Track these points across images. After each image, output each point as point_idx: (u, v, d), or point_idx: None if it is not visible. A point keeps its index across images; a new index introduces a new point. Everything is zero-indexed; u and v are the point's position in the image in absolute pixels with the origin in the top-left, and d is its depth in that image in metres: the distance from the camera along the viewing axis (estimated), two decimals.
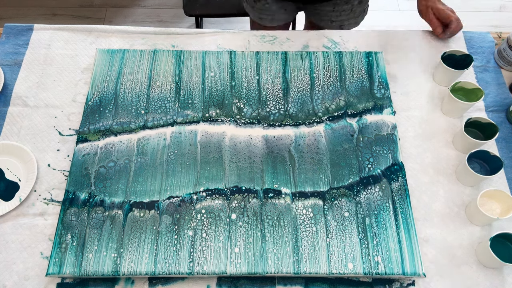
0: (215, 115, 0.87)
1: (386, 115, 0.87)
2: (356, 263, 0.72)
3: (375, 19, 2.29)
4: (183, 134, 0.84)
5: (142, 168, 0.80)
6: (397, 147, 0.83)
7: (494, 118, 0.91)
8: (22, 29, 1.01)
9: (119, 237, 0.73)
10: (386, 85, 0.91)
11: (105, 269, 0.70)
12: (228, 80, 0.91)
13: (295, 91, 0.90)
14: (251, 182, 0.79)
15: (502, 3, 2.36)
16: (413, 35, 1.03)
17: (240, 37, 1.02)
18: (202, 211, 0.76)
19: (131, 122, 0.85)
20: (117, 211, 0.76)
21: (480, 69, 0.99)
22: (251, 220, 0.75)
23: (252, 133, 0.85)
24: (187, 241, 0.73)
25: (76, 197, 0.77)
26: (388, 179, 0.80)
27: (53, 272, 0.70)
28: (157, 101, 0.88)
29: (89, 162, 0.80)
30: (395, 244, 0.74)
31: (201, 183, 0.79)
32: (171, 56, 0.94)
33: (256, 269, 0.71)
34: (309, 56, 0.95)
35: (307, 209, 0.77)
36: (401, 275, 0.71)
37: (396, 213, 0.76)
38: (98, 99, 0.88)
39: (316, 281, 0.73)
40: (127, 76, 0.91)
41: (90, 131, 0.84)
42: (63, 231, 0.73)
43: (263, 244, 0.73)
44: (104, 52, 0.94)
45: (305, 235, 0.74)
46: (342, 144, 0.84)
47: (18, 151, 0.84)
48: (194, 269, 0.71)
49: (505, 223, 0.80)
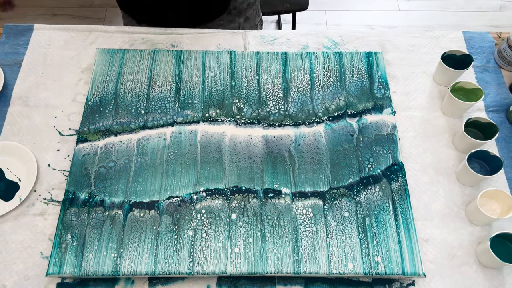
0: (215, 115, 0.87)
1: (386, 115, 0.87)
2: (356, 263, 0.72)
3: (375, 19, 2.30)
4: (183, 134, 0.84)
5: (142, 168, 0.80)
6: (397, 147, 0.83)
7: (494, 118, 0.91)
8: (22, 29, 1.01)
9: (119, 237, 0.73)
10: (386, 85, 0.91)
11: (105, 269, 0.70)
12: (228, 80, 0.91)
13: (295, 91, 0.90)
14: (251, 182, 0.79)
15: (502, 3, 2.36)
16: (413, 35, 1.03)
17: (240, 37, 1.02)
18: (202, 211, 0.76)
19: (131, 122, 0.85)
20: (117, 211, 0.76)
21: (480, 69, 0.99)
22: (251, 220, 0.75)
23: (252, 133, 0.85)
24: (187, 241, 0.73)
25: (76, 197, 0.77)
26: (388, 179, 0.80)
27: (53, 272, 0.70)
28: (157, 101, 0.88)
29: (89, 162, 0.80)
30: (395, 244, 0.74)
31: (201, 183, 0.79)
32: (171, 56, 0.94)
33: (256, 269, 0.71)
34: (309, 56, 0.95)
35: (307, 209, 0.77)
36: (401, 275, 0.71)
37: (396, 213, 0.76)
38: (98, 99, 0.88)
39: (316, 281, 0.73)
40: (127, 76, 0.91)
41: (90, 131, 0.84)
42: (63, 231, 0.73)
43: (263, 244, 0.73)
44: (104, 52, 0.94)
45: (305, 235, 0.74)
46: (342, 144, 0.84)
47: (18, 151, 0.84)
48: (194, 269, 0.71)
49: (505, 223, 0.80)
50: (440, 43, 1.02)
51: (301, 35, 1.03)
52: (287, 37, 1.02)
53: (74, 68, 0.96)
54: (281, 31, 1.05)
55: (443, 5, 2.34)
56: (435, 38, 1.03)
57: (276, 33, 1.03)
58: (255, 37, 1.02)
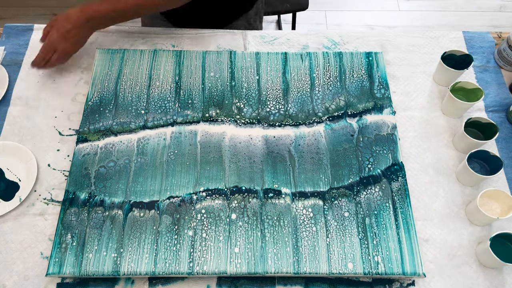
0: (215, 115, 0.87)
1: (386, 115, 0.87)
2: (356, 263, 0.72)
3: (375, 19, 2.30)
4: (183, 134, 0.84)
5: (142, 168, 0.80)
6: (397, 147, 0.83)
7: (494, 118, 0.91)
8: (22, 29, 1.01)
9: (119, 237, 0.73)
10: (386, 85, 0.91)
11: (105, 269, 0.70)
12: (228, 80, 0.91)
13: (295, 91, 0.90)
14: (251, 182, 0.79)
15: (502, 3, 2.36)
16: (413, 35, 1.03)
17: (240, 37, 1.02)
18: (202, 211, 0.76)
19: (131, 122, 0.85)
20: (117, 211, 0.76)
21: (480, 69, 0.99)
22: (251, 220, 0.75)
23: (252, 133, 0.85)
24: (187, 241, 0.73)
25: (76, 197, 0.77)
26: (388, 179, 0.80)
27: (53, 272, 0.70)
28: (157, 101, 0.88)
29: (89, 162, 0.80)
30: (395, 244, 0.74)
31: (201, 183, 0.79)
32: (171, 56, 0.94)
33: (256, 269, 0.71)
34: (309, 56, 0.95)
35: (307, 209, 0.77)
36: (401, 275, 0.71)
37: (396, 213, 0.76)
38: (98, 99, 0.88)
39: (316, 281, 0.73)
40: (127, 76, 0.91)
41: (90, 131, 0.84)
42: (63, 231, 0.73)
43: (263, 244, 0.73)
44: (104, 52, 0.94)
45: (305, 235, 0.74)
46: (342, 144, 0.84)
47: (18, 151, 0.84)
48: (194, 269, 0.71)
49: (505, 223, 0.80)
50: (440, 43, 1.02)
51: (301, 35, 1.03)
52: (287, 37, 1.02)
53: (74, 68, 0.96)
54: (281, 31, 1.05)
55: (443, 5, 2.34)
56: (435, 38, 1.03)
57: (276, 33, 1.03)
58: (255, 37, 1.02)
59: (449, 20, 2.28)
